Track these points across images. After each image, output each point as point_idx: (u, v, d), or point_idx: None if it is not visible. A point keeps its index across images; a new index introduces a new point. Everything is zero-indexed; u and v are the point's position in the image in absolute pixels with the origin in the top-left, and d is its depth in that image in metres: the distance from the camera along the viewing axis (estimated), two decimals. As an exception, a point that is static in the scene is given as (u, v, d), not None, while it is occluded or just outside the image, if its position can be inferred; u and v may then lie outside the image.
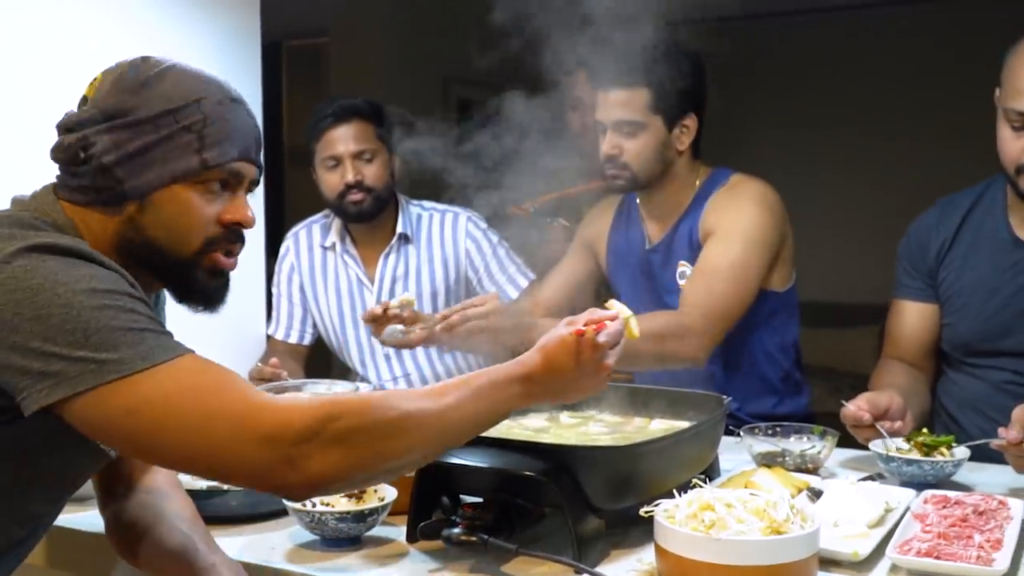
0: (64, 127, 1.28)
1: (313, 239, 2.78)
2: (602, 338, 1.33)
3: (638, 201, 2.44)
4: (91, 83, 1.29)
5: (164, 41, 2.46)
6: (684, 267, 2.32)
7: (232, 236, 1.31)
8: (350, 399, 1.17)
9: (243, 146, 1.31)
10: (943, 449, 1.82)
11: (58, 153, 1.28)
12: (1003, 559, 1.39)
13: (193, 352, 1.18)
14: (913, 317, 2.18)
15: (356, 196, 2.58)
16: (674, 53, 2.19)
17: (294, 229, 2.82)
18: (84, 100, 1.28)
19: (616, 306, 1.45)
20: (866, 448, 1.89)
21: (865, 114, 5.18)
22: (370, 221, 2.65)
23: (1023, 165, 1.91)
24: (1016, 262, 2.02)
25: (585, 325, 1.34)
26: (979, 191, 2.13)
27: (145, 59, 1.29)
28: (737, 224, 2.21)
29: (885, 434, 1.86)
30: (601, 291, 2.55)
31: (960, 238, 2.11)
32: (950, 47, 4.83)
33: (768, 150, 4.68)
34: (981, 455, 1.86)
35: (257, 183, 1.36)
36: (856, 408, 1.88)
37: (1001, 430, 1.70)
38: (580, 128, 2.84)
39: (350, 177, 2.56)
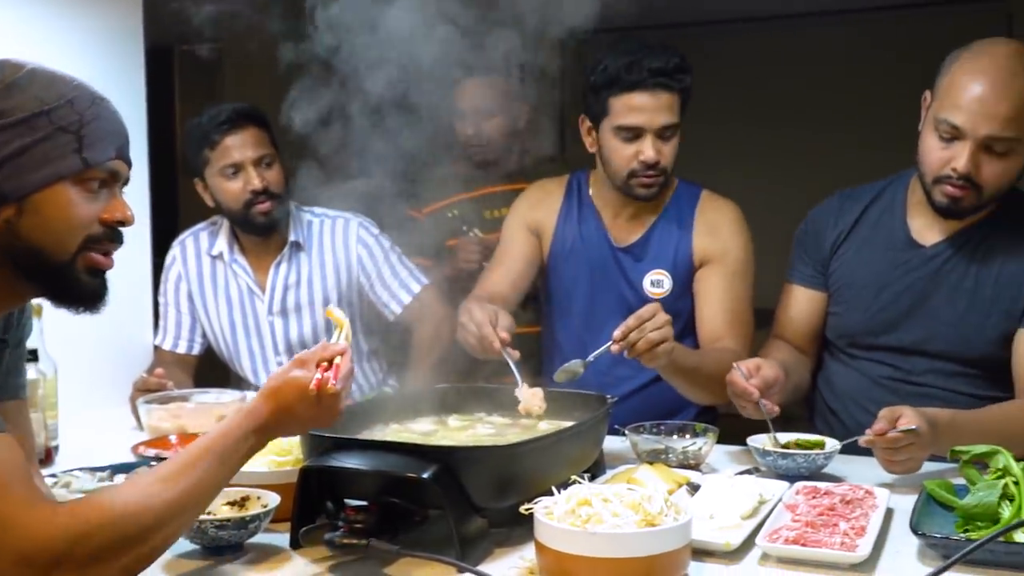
0: None
1: (200, 247, 2.73)
2: (340, 385, 1.39)
3: (591, 192, 2.43)
4: None
5: (40, 42, 2.41)
6: (661, 276, 2.34)
7: (112, 235, 1.31)
8: (101, 508, 1.19)
9: (118, 144, 1.32)
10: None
11: None
12: (865, 545, 1.46)
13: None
14: (802, 302, 2.24)
15: (264, 204, 2.54)
16: (684, 57, 2.23)
17: (180, 237, 2.77)
18: None
19: (335, 315, 1.53)
20: (742, 444, 1.96)
21: (779, 115, 5.31)
22: (275, 230, 2.62)
23: (943, 176, 1.94)
24: (908, 261, 2.09)
25: (318, 366, 1.39)
26: (880, 187, 2.19)
27: (4, 61, 1.27)
28: (740, 257, 2.34)
29: (764, 409, 1.92)
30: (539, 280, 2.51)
31: (857, 231, 2.17)
32: (868, 56, 4.98)
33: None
34: (856, 449, 1.94)
35: (128, 181, 1.36)
36: (747, 378, 1.93)
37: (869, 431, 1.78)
38: (472, 134, 2.90)
39: (257, 184, 2.52)
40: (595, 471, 1.82)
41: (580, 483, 1.46)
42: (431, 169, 2.59)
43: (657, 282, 2.34)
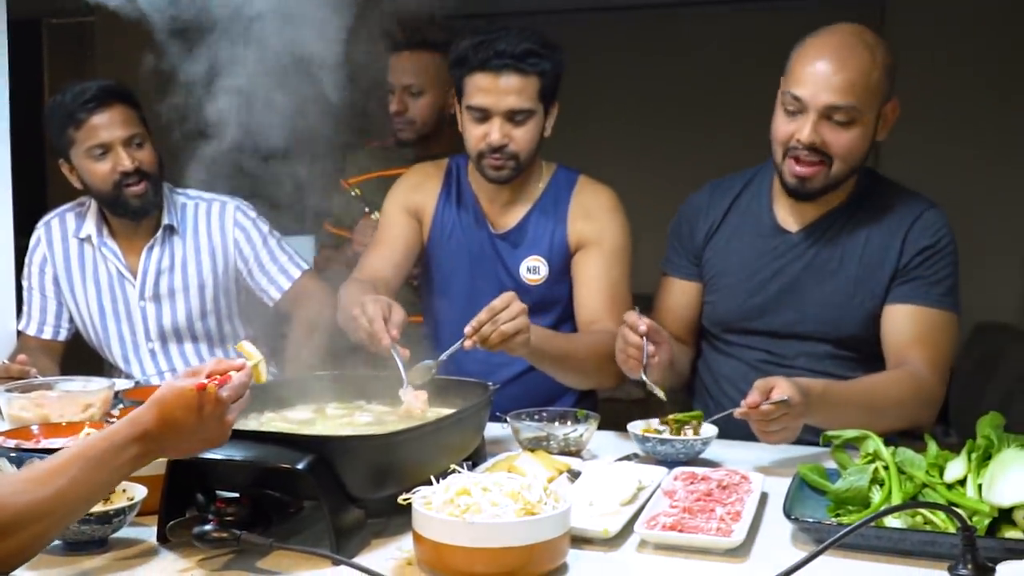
0: None
1: (67, 228, 2.61)
2: (225, 392, 1.32)
3: (469, 179, 2.40)
4: None
5: None
6: (537, 262, 2.32)
7: None
8: None
9: None
10: (694, 425, 1.93)
11: None
12: (741, 530, 1.48)
13: None
14: (677, 293, 2.28)
15: (136, 186, 2.44)
16: (552, 42, 2.20)
17: (45, 218, 2.64)
18: None
19: (247, 349, 1.48)
20: (624, 431, 1.97)
21: (664, 106, 5.38)
22: (149, 213, 2.52)
23: (790, 148, 2.01)
24: (775, 247, 2.15)
25: (208, 377, 1.32)
26: (749, 176, 2.24)
27: None
28: (616, 241, 2.32)
29: (646, 353, 1.93)
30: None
31: (727, 221, 2.22)
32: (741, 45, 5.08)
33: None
34: (733, 433, 1.97)
35: None
36: (637, 317, 1.96)
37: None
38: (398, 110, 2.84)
39: (127, 164, 2.41)
40: (476, 459, 1.81)
41: (459, 472, 1.44)
42: (330, 145, 2.50)
43: (533, 268, 2.34)
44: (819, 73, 1.95)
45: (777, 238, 2.15)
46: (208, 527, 1.36)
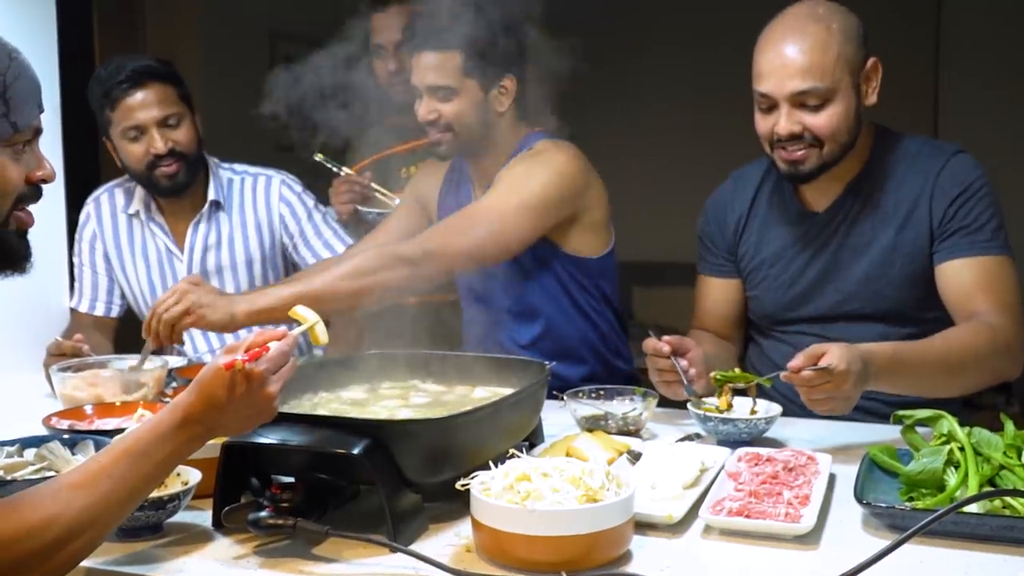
0: None
1: (116, 204, 2.60)
2: (262, 365, 1.28)
3: (466, 159, 2.40)
4: None
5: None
6: None
7: (38, 192, 1.29)
8: (8, 520, 1.11)
9: (38, 100, 1.28)
10: (751, 388, 1.87)
11: None
12: (810, 515, 1.42)
13: None
14: (716, 292, 2.23)
15: (169, 167, 2.42)
16: (487, 15, 2.15)
17: (95, 194, 2.64)
18: None
19: (299, 313, 1.43)
20: (676, 406, 1.92)
21: (682, 84, 5.27)
22: (184, 192, 2.50)
23: (774, 143, 1.97)
24: (807, 231, 2.08)
25: (248, 351, 1.29)
26: (767, 162, 2.15)
27: None
28: (514, 181, 2.20)
29: (681, 370, 1.90)
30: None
31: (755, 212, 2.17)
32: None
33: (607, 117, 4.74)
34: (796, 412, 1.91)
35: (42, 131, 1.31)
36: (655, 342, 1.93)
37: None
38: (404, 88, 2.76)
39: (160, 146, 2.39)
40: (533, 440, 1.77)
41: (518, 456, 1.40)
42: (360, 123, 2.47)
43: None
44: (776, 64, 1.92)
45: (806, 222, 2.09)
46: (263, 514, 1.34)
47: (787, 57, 1.91)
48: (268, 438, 1.39)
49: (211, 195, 2.54)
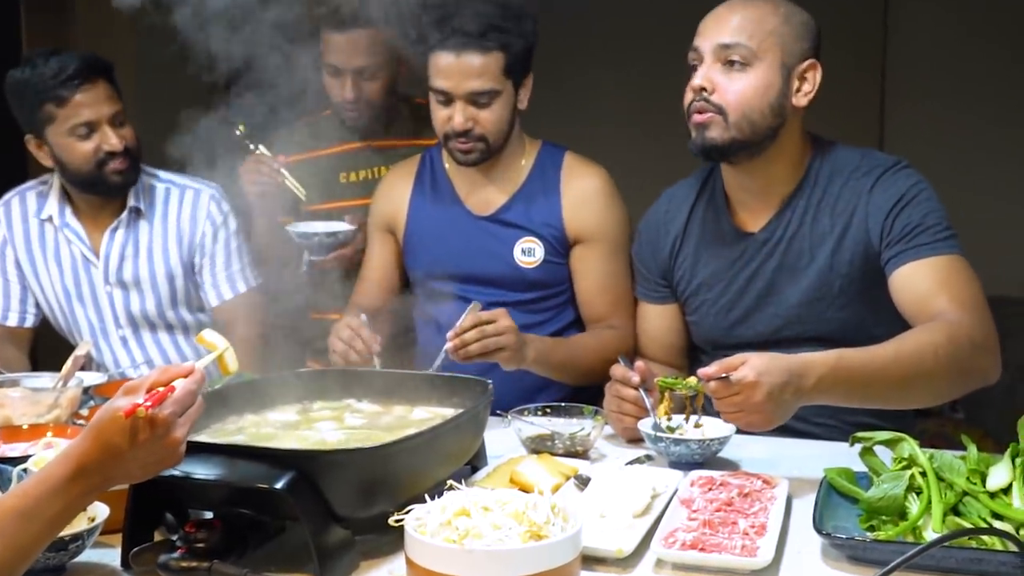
0: None
1: (28, 208, 2.45)
2: (167, 409, 1.16)
3: (447, 166, 2.28)
4: None
5: None
6: (532, 243, 2.21)
7: None
8: None
9: None
10: (705, 429, 1.78)
11: None
12: (767, 547, 1.34)
13: None
14: (656, 319, 2.14)
15: (120, 164, 2.30)
16: (517, 11, 2.07)
17: (5, 197, 2.48)
18: None
19: (207, 339, 1.34)
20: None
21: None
22: (127, 191, 2.38)
23: (690, 103, 1.88)
24: (742, 253, 1.99)
25: (149, 390, 1.16)
26: (701, 178, 2.08)
27: None
28: (617, 232, 2.24)
29: (649, 406, 1.81)
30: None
31: (689, 233, 2.07)
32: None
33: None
34: (750, 431, 1.82)
35: None
36: (625, 369, 1.85)
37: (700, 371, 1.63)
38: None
39: (115, 143, 2.28)
40: (476, 463, 1.67)
41: (457, 488, 1.30)
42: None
43: (528, 250, 2.22)
44: (710, 20, 1.89)
45: (741, 243, 1.99)
46: (176, 555, 1.22)
47: (722, 14, 1.89)
48: (181, 471, 1.27)
49: (131, 201, 2.40)
